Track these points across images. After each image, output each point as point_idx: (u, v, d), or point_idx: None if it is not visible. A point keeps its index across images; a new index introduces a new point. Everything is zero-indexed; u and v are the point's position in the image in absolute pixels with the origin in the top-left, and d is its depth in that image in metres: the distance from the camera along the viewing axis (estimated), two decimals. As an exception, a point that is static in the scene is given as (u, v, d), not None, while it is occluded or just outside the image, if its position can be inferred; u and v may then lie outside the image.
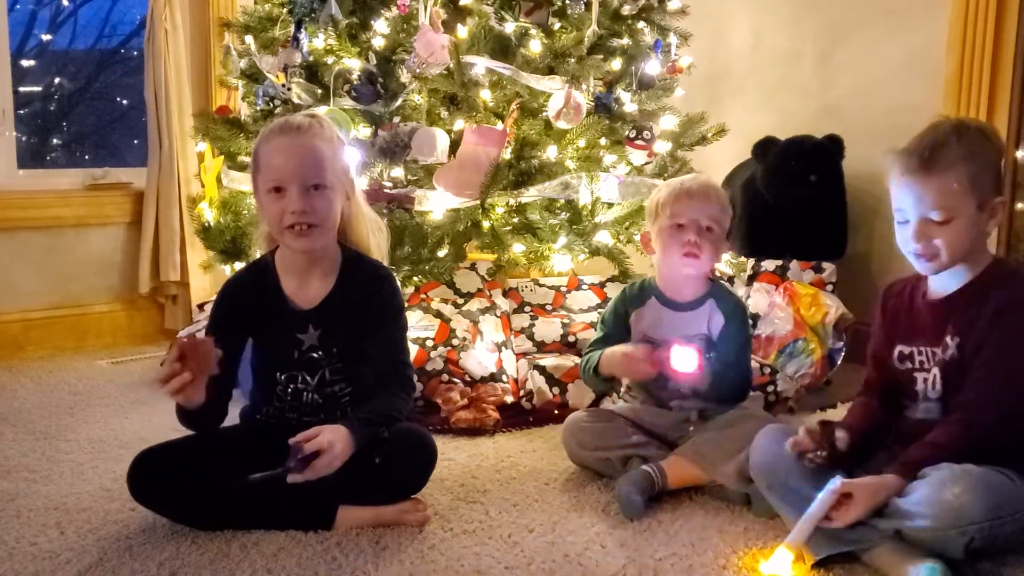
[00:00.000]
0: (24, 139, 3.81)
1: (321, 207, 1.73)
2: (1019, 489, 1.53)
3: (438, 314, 2.60)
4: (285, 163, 1.73)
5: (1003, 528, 1.50)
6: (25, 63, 3.80)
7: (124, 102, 4.10)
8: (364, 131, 2.53)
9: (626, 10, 2.72)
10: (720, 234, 2.03)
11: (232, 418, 1.95)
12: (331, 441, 1.61)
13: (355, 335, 1.81)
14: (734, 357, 2.05)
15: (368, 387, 1.81)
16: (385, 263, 1.93)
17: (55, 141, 4.05)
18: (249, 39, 2.81)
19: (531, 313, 2.77)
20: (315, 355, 1.81)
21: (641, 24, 2.79)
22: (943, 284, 1.73)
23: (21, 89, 3.72)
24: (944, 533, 1.50)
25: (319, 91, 2.55)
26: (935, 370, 1.71)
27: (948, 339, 1.67)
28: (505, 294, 2.81)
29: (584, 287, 2.89)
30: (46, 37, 3.89)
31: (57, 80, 3.96)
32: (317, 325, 1.80)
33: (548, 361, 2.54)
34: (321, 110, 2.45)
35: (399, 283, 2.47)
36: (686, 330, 2.05)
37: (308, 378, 1.82)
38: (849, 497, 1.58)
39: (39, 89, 3.89)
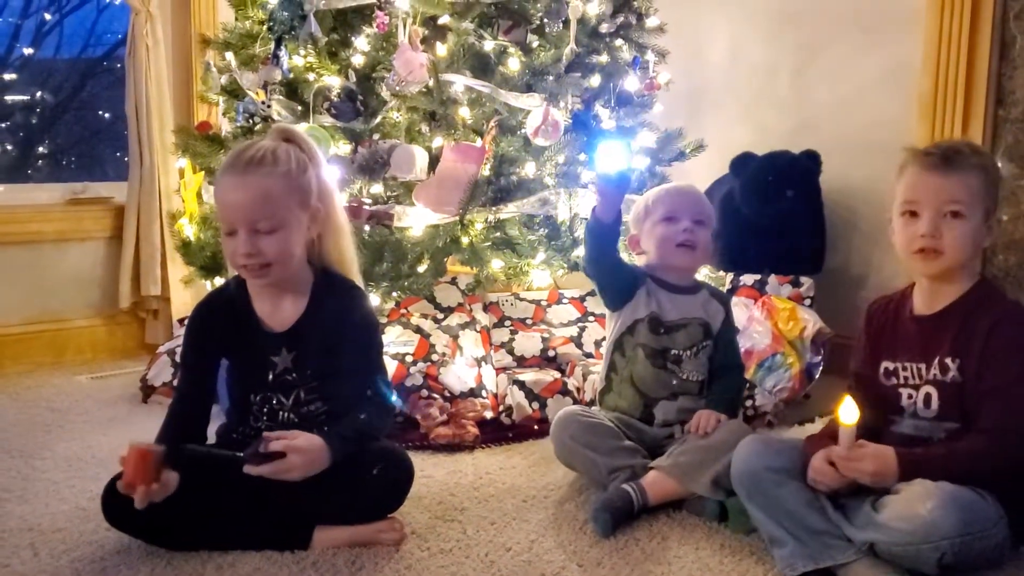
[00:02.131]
0: (8, 150, 3.80)
1: (269, 248, 1.69)
2: (990, 507, 1.55)
3: (418, 329, 2.60)
4: (233, 205, 1.69)
5: (975, 544, 1.51)
6: (8, 76, 3.79)
7: (106, 115, 4.09)
8: (344, 148, 2.53)
9: (604, 28, 2.75)
10: (708, 232, 2.14)
11: (208, 436, 1.95)
12: (300, 447, 1.60)
13: (330, 356, 1.79)
14: (739, 356, 2.23)
15: (345, 406, 1.80)
16: (357, 276, 1.91)
17: (40, 150, 4.04)
18: (229, 56, 2.81)
19: (511, 327, 2.78)
20: (289, 377, 1.80)
21: (619, 41, 2.81)
22: (930, 301, 1.75)
23: (7, 98, 3.71)
24: (917, 548, 1.52)
25: (299, 108, 2.55)
26: (928, 388, 1.72)
27: (948, 361, 1.68)
28: (486, 308, 2.82)
29: (564, 301, 2.90)
30: (28, 51, 3.88)
31: (39, 94, 3.95)
32: (291, 348, 1.79)
33: (528, 376, 2.55)
34: (301, 127, 2.46)
35: (379, 299, 2.50)
36: (685, 312, 2.13)
37: (283, 399, 1.81)
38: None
39: (25, 98, 3.88)
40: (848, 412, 1.58)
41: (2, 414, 2.65)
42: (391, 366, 2.43)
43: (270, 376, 1.79)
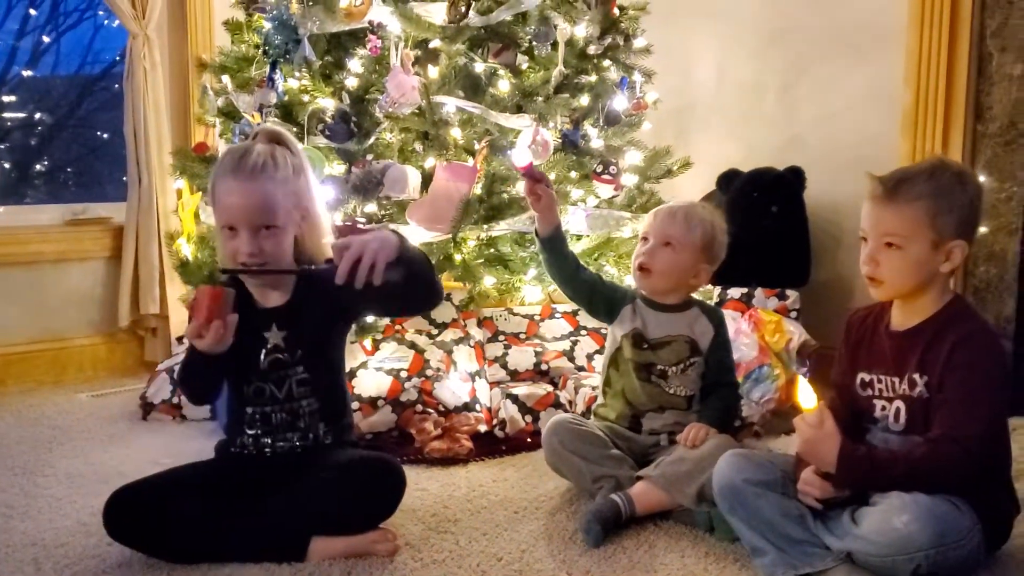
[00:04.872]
0: (7, 169, 3.84)
1: (270, 247, 1.79)
2: (965, 517, 1.59)
3: (412, 345, 2.65)
4: (236, 206, 1.78)
5: (948, 555, 1.56)
6: (7, 99, 3.83)
7: (104, 135, 4.13)
8: (338, 168, 2.59)
9: (592, 49, 2.80)
10: (681, 251, 2.12)
11: (208, 452, 2.00)
12: (356, 239, 1.63)
13: (320, 333, 1.88)
14: (731, 375, 2.24)
15: (336, 400, 1.91)
16: None
17: (38, 168, 4.07)
18: (226, 79, 2.87)
19: (505, 342, 2.82)
20: (281, 356, 1.87)
21: (607, 62, 2.86)
22: (905, 317, 1.78)
23: (4, 115, 3.76)
24: (893, 559, 1.57)
25: (294, 130, 2.60)
26: (898, 403, 1.75)
27: (916, 376, 1.72)
28: (480, 324, 2.87)
29: (557, 315, 2.94)
30: (27, 73, 3.93)
31: (38, 116, 3.99)
32: (281, 325, 1.87)
33: (521, 390, 2.60)
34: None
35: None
36: (670, 329, 2.16)
37: (275, 391, 1.87)
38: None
39: (22, 115, 3.92)
40: (807, 397, 1.65)
41: (5, 432, 2.69)
42: (386, 381, 2.48)
43: (262, 355, 1.86)
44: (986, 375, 1.66)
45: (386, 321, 2.69)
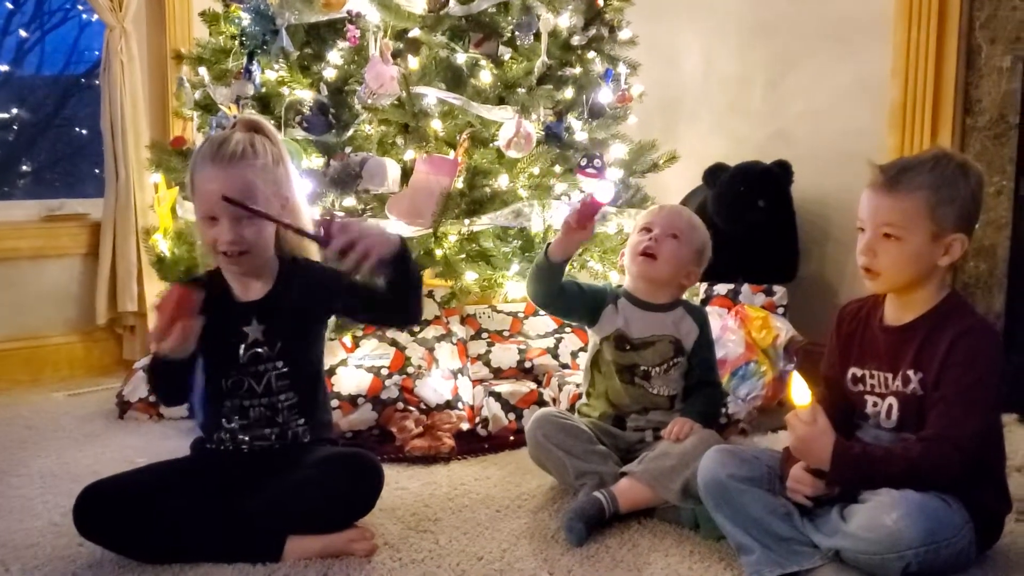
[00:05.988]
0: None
1: (250, 235, 1.78)
2: (955, 515, 1.57)
3: (393, 342, 2.61)
4: (216, 193, 1.76)
5: (939, 553, 1.53)
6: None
7: (83, 132, 4.08)
8: (316, 161, 2.55)
9: (576, 40, 2.77)
10: (684, 245, 2.14)
11: (184, 451, 1.97)
12: (358, 225, 1.68)
13: (300, 324, 1.86)
14: (715, 375, 2.24)
15: (315, 395, 1.91)
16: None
17: (24, 168, 4.03)
18: (203, 70, 2.83)
19: (488, 339, 2.79)
20: (260, 350, 1.84)
21: (591, 54, 2.83)
22: (900, 311, 1.75)
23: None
24: (882, 557, 1.54)
25: (272, 121, 2.56)
26: (891, 399, 1.73)
27: (911, 373, 1.69)
28: (463, 321, 2.83)
29: (541, 313, 2.90)
30: (4, 68, 3.88)
31: (15, 111, 3.94)
32: (261, 318, 1.84)
33: (504, 388, 2.56)
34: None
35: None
36: (655, 329, 2.14)
37: (254, 385, 1.84)
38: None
39: (5, 116, 3.87)
40: (801, 393, 1.61)
41: (-23, 432, 2.64)
42: (366, 379, 2.44)
43: (241, 350, 1.83)
44: (984, 373, 1.63)
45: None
